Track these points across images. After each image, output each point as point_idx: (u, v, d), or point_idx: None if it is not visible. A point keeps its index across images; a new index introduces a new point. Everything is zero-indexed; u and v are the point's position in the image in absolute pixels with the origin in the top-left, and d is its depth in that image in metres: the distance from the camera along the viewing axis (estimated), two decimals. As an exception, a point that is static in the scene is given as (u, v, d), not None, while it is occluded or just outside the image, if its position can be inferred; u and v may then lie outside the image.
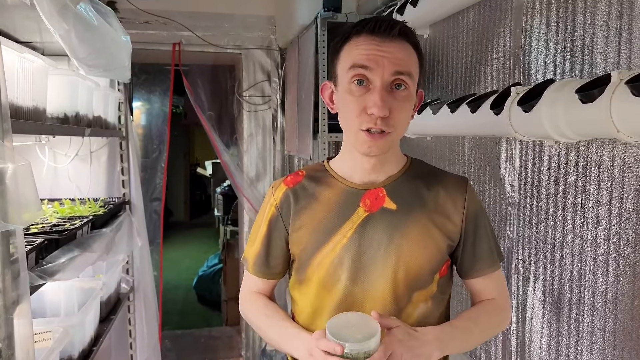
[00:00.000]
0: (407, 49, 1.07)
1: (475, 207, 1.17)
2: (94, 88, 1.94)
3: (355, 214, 1.12)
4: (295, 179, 1.20)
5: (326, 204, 1.14)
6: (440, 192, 1.15)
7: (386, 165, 1.15)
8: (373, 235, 1.10)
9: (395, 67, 1.04)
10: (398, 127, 1.07)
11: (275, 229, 1.19)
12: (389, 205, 1.12)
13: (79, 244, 1.55)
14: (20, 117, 1.24)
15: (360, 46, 1.05)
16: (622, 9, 1.19)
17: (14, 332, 1.03)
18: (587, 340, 1.31)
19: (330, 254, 1.11)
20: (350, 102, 1.06)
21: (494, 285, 1.21)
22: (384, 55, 1.04)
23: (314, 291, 1.14)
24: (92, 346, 1.80)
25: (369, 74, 1.04)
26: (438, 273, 1.14)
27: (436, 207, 1.13)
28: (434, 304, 1.14)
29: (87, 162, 2.49)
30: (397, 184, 1.15)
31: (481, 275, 1.18)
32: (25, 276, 1.03)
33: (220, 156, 3.65)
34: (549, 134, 1.26)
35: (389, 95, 1.04)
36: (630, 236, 1.17)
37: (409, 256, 1.09)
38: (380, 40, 1.05)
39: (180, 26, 3.40)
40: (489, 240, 1.18)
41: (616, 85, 1.03)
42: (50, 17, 1.14)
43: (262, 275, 1.22)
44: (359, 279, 1.10)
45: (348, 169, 1.16)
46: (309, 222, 1.14)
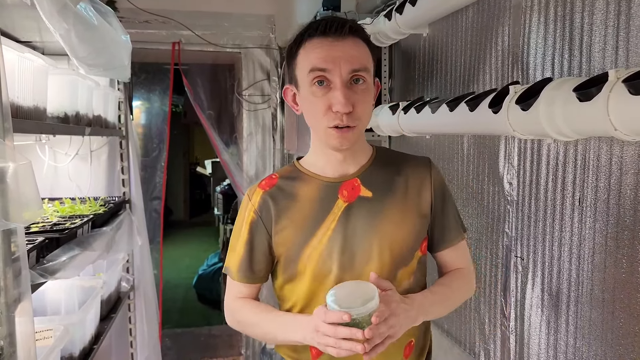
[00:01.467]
0: (360, 45, 1.13)
1: (440, 182, 1.26)
2: (94, 87, 1.95)
3: (336, 205, 1.18)
4: (270, 182, 1.24)
5: (306, 200, 1.19)
6: (409, 174, 1.23)
7: (356, 156, 1.21)
8: (355, 223, 1.16)
9: (352, 65, 1.09)
10: (363, 118, 1.13)
11: (256, 234, 1.21)
12: (365, 193, 1.19)
13: (79, 243, 1.56)
14: (21, 116, 1.25)
15: (316, 50, 1.10)
16: (619, 7, 1.19)
17: (15, 330, 1.03)
18: (585, 337, 1.32)
19: (318, 246, 1.16)
20: (315, 103, 1.11)
21: (462, 255, 1.29)
22: (339, 55, 1.09)
23: (306, 284, 1.18)
24: (92, 344, 1.81)
25: (328, 74, 1.09)
26: (419, 250, 1.22)
27: (407, 188, 1.21)
28: (415, 279, 1.22)
29: (87, 161, 2.49)
30: (369, 173, 1.21)
31: (450, 246, 1.26)
32: (27, 274, 1.04)
33: (220, 155, 3.66)
34: (547, 132, 1.27)
35: (349, 91, 1.09)
36: (628, 234, 1.18)
37: (390, 236, 1.17)
38: (332, 40, 1.10)
39: (180, 25, 3.40)
40: (455, 213, 1.27)
41: (613, 83, 1.04)
42: (51, 17, 1.15)
43: (247, 280, 1.24)
44: (349, 265, 1.16)
45: (320, 165, 1.22)
46: (292, 221, 1.18)
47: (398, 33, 2.30)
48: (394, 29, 2.24)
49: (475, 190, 1.87)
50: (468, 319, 1.90)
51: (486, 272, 1.80)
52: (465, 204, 1.95)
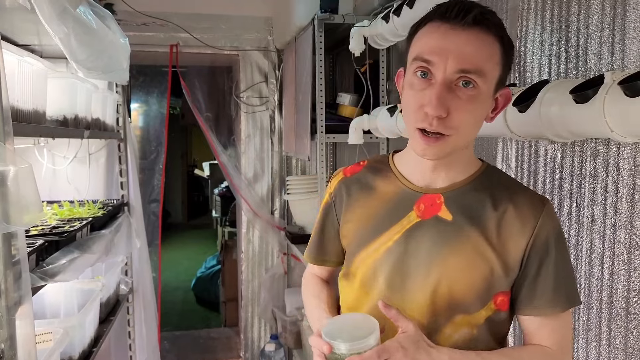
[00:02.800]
0: (483, 41, 0.92)
1: (548, 233, 1.00)
2: (92, 90, 1.95)
3: (406, 217, 1.03)
4: (354, 169, 1.15)
5: (380, 200, 1.07)
6: (508, 210, 1.00)
7: (450, 169, 1.03)
8: (420, 244, 1.00)
9: (460, 65, 0.90)
10: (461, 129, 0.93)
11: (327, 217, 1.17)
12: (445, 215, 1.01)
13: (78, 246, 1.56)
14: (20, 120, 1.25)
15: (428, 35, 0.94)
16: (615, 10, 1.21)
17: (16, 333, 1.03)
18: (582, 338, 1.33)
19: (374, 254, 1.05)
20: (410, 97, 0.96)
21: (551, 331, 1.01)
22: (450, 47, 0.90)
23: (355, 288, 1.09)
24: (92, 347, 1.82)
25: (431, 67, 0.92)
26: (493, 303, 1.00)
27: (498, 227, 0.99)
28: (481, 335, 1.00)
29: (86, 164, 2.50)
30: (459, 193, 1.02)
31: (537, 315, 1.00)
32: (27, 277, 1.04)
33: (218, 157, 3.66)
34: (544, 134, 1.28)
35: (449, 93, 0.91)
36: (625, 235, 1.19)
37: (454, 274, 0.98)
38: (449, 28, 0.91)
39: (178, 28, 3.40)
40: (557, 276, 0.99)
41: (609, 85, 1.04)
42: (50, 21, 1.15)
43: (313, 260, 1.23)
44: (398, 286, 1.01)
45: (409, 166, 1.07)
46: (359, 217, 1.09)
47: (396, 35, 2.31)
48: (392, 31, 2.25)
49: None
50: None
51: (484, 273, 1.80)
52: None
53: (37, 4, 1.11)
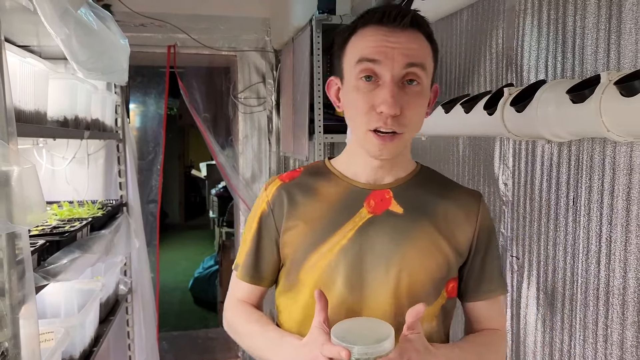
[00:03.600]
0: (420, 40, 0.98)
1: (488, 224, 1.09)
2: (92, 91, 1.96)
3: (358, 214, 1.03)
4: (292, 175, 1.11)
5: (326, 201, 1.05)
6: (452, 203, 1.07)
7: (395, 167, 1.07)
8: (375, 239, 1.01)
9: (407, 60, 0.94)
10: (411, 126, 0.98)
11: (265, 228, 1.09)
12: (395, 208, 1.04)
13: (79, 246, 1.57)
14: (22, 120, 1.26)
15: (368, 38, 0.97)
16: (610, 11, 1.22)
17: (20, 332, 1.04)
18: (579, 335, 1.34)
19: (327, 254, 1.01)
20: (358, 100, 0.97)
21: (498, 313, 1.10)
22: (394, 46, 0.94)
23: (305, 297, 1.03)
24: (92, 347, 1.82)
25: (377, 68, 0.95)
26: (445, 291, 1.04)
27: (446, 217, 1.05)
28: (437, 326, 1.05)
29: (85, 165, 2.51)
30: (405, 188, 1.06)
31: (488, 298, 1.08)
32: (31, 277, 1.05)
33: (216, 158, 3.67)
34: (541, 133, 1.29)
35: (400, 91, 0.94)
36: (621, 233, 1.20)
37: (413, 265, 1.00)
38: (389, 30, 0.95)
39: (175, 28, 3.41)
40: (498, 263, 1.10)
41: (605, 85, 1.06)
42: (52, 22, 1.16)
43: (250, 279, 1.11)
44: (357, 285, 1.00)
45: (353, 168, 1.08)
46: (305, 221, 1.05)
47: (393, 36, 2.33)
48: (389, 32, 2.27)
49: None
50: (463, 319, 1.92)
51: (482, 271, 1.82)
52: (461, 204, 1.97)
53: (39, 5, 1.12)
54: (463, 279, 1.09)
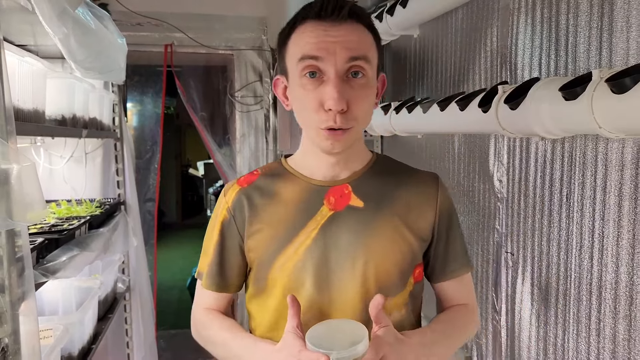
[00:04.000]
0: (361, 31, 0.97)
1: (448, 205, 1.09)
2: (89, 90, 1.97)
3: (319, 212, 1.02)
4: (250, 179, 1.09)
5: (286, 202, 1.04)
6: (410, 189, 1.06)
7: (350, 160, 1.06)
8: (339, 235, 1.00)
9: (350, 53, 0.93)
10: (360, 119, 0.97)
11: (228, 235, 1.07)
12: (356, 202, 1.03)
13: (77, 244, 1.58)
14: (21, 119, 1.26)
15: (307, 34, 0.95)
16: (602, 10, 1.24)
17: (20, 328, 1.05)
18: (573, 329, 1.36)
19: (293, 256, 1.00)
20: (305, 98, 0.95)
21: (466, 289, 1.12)
22: (335, 40, 0.93)
23: (276, 300, 1.02)
24: (91, 344, 1.83)
25: (320, 64, 0.93)
26: (412, 277, 1.05)
27: (406, 204, 1.05)
28: (407, 312, 1.05)
29: (82, 164, 2.51)
30: (363, 180, 1.06)
31: (454, 277, 1.10)
32: (30, 274, 1.06)
33: (213, 156, 3.68)
34: (535, 130, 1.31)
35: (345, 85, 0.93)
36: (613, 228, 1.22)
37: (379, 257, 1.00)
38: (328, 25, 0.94)
39: (172, 27, 3.41)
40: (461, 241, 1.11)
41: (597, 83, 1.08)
42: (50, 21, 1.17)
43: (216, 288, 1.08)
44: (325, 284, 0.99)
45: (309, 166, 1.06)
46: (268, 224, 1.03)
47: (389, 34, 2.35)
48: (385, 30, 2.28)
49: (466, 188, 1.92)
50: (460, 315, 1.94)
51: (478, 268, 1.84)
52: (457, 201, 1.98)
53: (37, 4, 1.13)
54: (429, 262, 1.10)
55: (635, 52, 1.15)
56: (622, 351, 1.20)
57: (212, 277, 1.08)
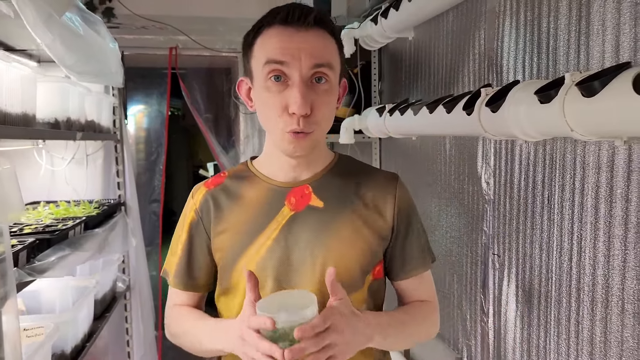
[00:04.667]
0: (325, 38, 1.00)
1: (406, 204, 1.11)
2: (85, 94, 2.01)
3: (280, 213, 1.05)
4: (216, 181, 1.12)
5: (250, 204, 1.07)
6: (370, 189, 1.09)
7: (312, 162, 1.08)
8: (299, 236, 1.03)
9: (314, 60, 0.96)
10: (322, 123, 1.00)
11: (196, 235, 1.10)
12: (316, 203, 1.06)
13: (70, 244, 1.61)
14: (9, 123, 1.30)
15: (274, 39, 0.97)
16: (580, 12, 1.24)
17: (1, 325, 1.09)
18: (554, 331, 1.36)
19: (255, 257, 1.03)
20: (269, 100, 0.97)
21: (425, 287, 1.15)
22: (300, 47, 0.95)
23: (239, 299, 1.03)
24: (85, 342, 1.87)
25: (286, 69, 0.96)
26: (371, 274, 1.07)
27: (366, 204, 1.08)
28: (368, 308, 1.07)
29: (84, 165, 2.56)
30: (324, 181, 1.09)
31: (412, 276, 1.12)
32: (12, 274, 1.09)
33: (217, 158, 3.72)
34: (514, 133, 1.31)
35: (309, 90, 0.96)
36: (590, 231, 1.22)
37: (338, 256, 1.02)
38: (294, 30, 0.96)
39: (176, 30, 3.45)
40: (420, 239, 1.13)
41: (569, 86, 1.08)
42: (35, 27, 1.20)
43: (184, 287, 1.11)
44: (286, 283, 1.02)
45: (272, 167, 1.09)
46: (232, 225, 1.06)
47: (384, 37, 2.35)
48: (380, 32, 2.29)
49: (456, 190, 1.92)
50: (452, 316, 1.95)
51: (467, 269, 1.84)
52: (447, 203, 1.99)
53: (22, 11, 1.16)
54: (387, 260, 1.12)
55: (611, 55, 1.15)
56: (599, 353, 1.20)
57: (180, 276, 1.11)
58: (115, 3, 3.30)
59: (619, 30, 1.12)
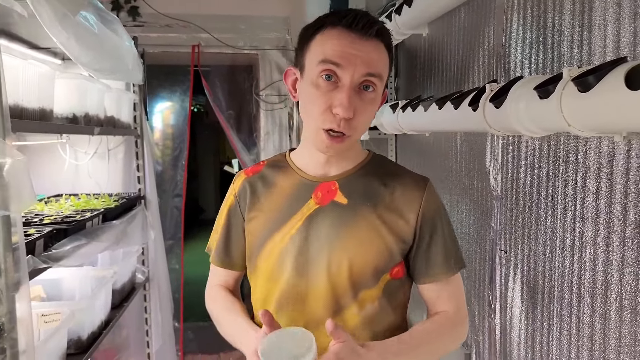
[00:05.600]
0: (381, 51, 1.04)
1: (433, 209, 1.12)
2: (105, 90, 2.08)
3: (306, 205, 1.10)
4: (255, 169, 1.20)
5: (281, 193, 1.14)
6: (396, 190, 1.11)
7: (343, 160, 1.13)
8: (320, 228, 1.08)
9: (367, 69, 1.00)
10: (360, 129, 1.05)
11: (233, 218, 1.19)
12: (340, 199, 1.10)
13: (87, 234, 1.68)
14: (26, 117, 1.37)
15: (335, 40, 1.01)
16: (583, 7, 1.23)
17: (15, 309, 1.15)
18: (556, 327, 1.36)
19: (279, 244, 1.10)
20: (316, 97, 1.02)
21: (449, 294, 1.14)
22: (358, 54, 1.00)
23: (262, 282, 1.13)
24: (102, 329, 1.94)
25: (339, 71, 1.00)
26: (388, 274, 1.09)
27: (389, 205, 1.10)
28: (381, 306, 1.09)
29: (105, 160, 2.64)
30: (351, 179, 1.12)
31: (434, 281, 1.12)
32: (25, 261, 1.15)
33: (238, 154, 3.78)
34: (517, 128, 1.31)
35: (356, 95, 1.01)
36: (591, 227, 1.22)
37: (353, 252, 1.06)
38: (356, 37, 1.00)
39: (199, 29, 3.52)
40: (445, 245, 1.12)
41: (566, 82, 1.08)
42: (51, 27, 1.26)
43: (222, 264, 1.21)
44: (304, 272, 1.08)
45: (305, 160, 1.15)
46: (263, 212, 1.14)
47: (399, 33, 2.36)
48: (395, 29, 2.30)
49: (467, 186, 1.92)
50: (461, 312, 1.95)
51: (476, 266, 1.84)
52: (458, 199, 1.99)
53: (37, 11, 1.22)
54: (411, 263, 1.13)
55: (612, 50, 1.15)
56: (598, 350, 1.19)
57: (218, 253, 1.22)
58: (140, 2, 3.39)
59: (620, 25, 1.12)
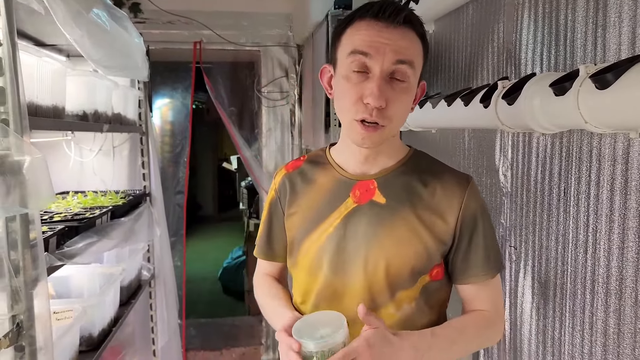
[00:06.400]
0: (412, 38, 1.02)
1: (474, 208, 1.10)
2: (112, 87, 2.07)
3: (344, 204, 1.10)
4: (295, 164, 1.21)
5: (320, 190, 1.14)
6: (436, 189, 1.09)
7: (380, 157, 1.12)
8: (357, 227, 1.08)
9: (397, 56, 0.99)
10: (395, 119, 1.03)
11: (274, 212, 1.22)
12: (378, 198, 1.09)
13: (97, 231, 1.68)
14: (40, 114, 1.37)
15: (362, 31, 1.01)
16: (598, 4, 1.24)
17: (33, 305, 1.15)
18: (569, 323, 1.37)
19: (317, 241, 1.11)
20: (347, 89, 1.02)
21: (487, 295, 1.14)
22: (386, 42, 0.99)
23: (302, 276, 1.15)
24: (112, 326, 1.94)
25: (368, 61, 0.99)
26: (428, 275, 1.09)
27: (428, 205, 1.08)
28: (418, 307, 1.09)
29: (111, 157, 2.64)
30: (390, 177, 1.11)
31: (473, 282, 1.12)
32: (43, 258, 1.16)
33: (240, 151, 3.78)
34: (530, 125, 1.32)
35: (387, 85, 0.99)
36: (605, 223, 1.22)
37: (390, 253, 1.05)
38: (383, 26, 0.99)
39: (201, 25, 3.53)
40: (486, 246, 1.11)
41: (583, 79, 1.09)
42: (65, 24, 1.26)
43: (264, 256, 1.26)
44: (340, 270, 1.08)
45: (344, 157, 1.14)
46: (302, 208, 1.15)
47: (405, 30, 2.37)
48: (401, 26, 2.30)
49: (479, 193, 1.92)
50: (469, 308, 1.96)
51: (485, 262, 1.85)
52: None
53: (52, 8, 1.22)
54: (450, 263, 1.12)
55: (627, 47, 1.15)
56: (613, 345, 1.21)
57: (260, 247, 1.26)
58: (142, -1, 3.38)
59: (635, 22, 1.12)
